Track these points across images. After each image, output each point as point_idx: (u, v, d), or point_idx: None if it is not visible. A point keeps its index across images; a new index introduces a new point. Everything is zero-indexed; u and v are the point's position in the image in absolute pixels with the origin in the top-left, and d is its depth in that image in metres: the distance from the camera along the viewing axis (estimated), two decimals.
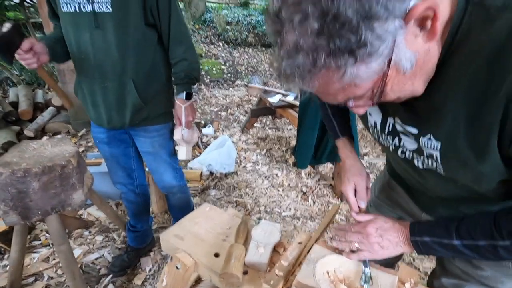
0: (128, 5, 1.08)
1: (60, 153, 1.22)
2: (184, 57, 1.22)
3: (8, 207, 1.10)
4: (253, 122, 3.25)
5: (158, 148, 1.37)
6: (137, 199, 1.57)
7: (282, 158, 2.77)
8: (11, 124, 3.01)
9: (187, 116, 1.29)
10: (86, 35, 1.10)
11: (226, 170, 2.46)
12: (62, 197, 1.19)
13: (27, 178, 1.09)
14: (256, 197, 2.23)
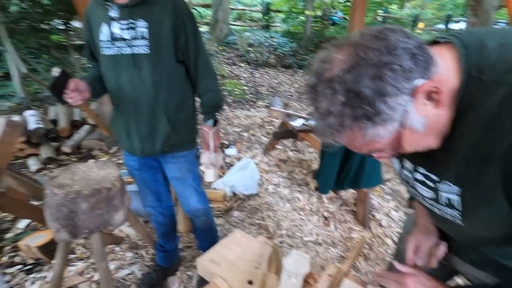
0: (163, 46, 1.20)
1: (106, 176, 1.34)
2: (209, 88, 1.34)
3: (60, 225, 1.22)
4: (275, 144, 3.32)
5: (185, 173, 1.46)
6: (165, 220, 1.65)
7: (303, 181, 2.81)
8: (51, 140, 3.26)
9: (214, 141, 1.40)
10: (124, 75, 1.22)
11: (249, 192, 2.52)
12: (106, 217, 1.30)
13: (77, 199, 1.21)
14: (278, 220, 2.27)
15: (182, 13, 1.19)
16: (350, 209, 2.40)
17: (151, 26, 1.16)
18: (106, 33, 1.20)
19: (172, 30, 1.19)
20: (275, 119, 4.30)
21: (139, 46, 1.18)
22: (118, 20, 1.17)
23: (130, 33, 1.17)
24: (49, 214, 1.22)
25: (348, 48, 0.48)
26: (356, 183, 2.15)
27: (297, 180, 2.83)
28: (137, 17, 1.16)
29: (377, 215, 2.33)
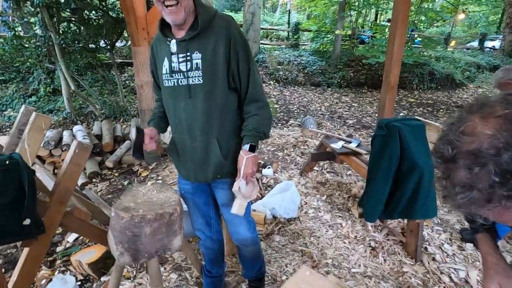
0: (215, 75, 1.22)
1: (167, 200, 1.36)
2: (255, 113, 1.30)
3: (124, 249, 1.23)
4: (313, 166, 3.26)
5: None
6: (214, 245, 1.63)
7: (344, 206, 2.70)
8: (95, 155, 3.41)
9: (247, 167, 1.27)
10: (181, 104, 1.28)
11: (290, 215, 2.46)
12: (165, 242, 1.30)
13: (142, 223, 1.22)
14: (322, 247, 2.17)
15: (236, 43, 1.20)
16: (398, 240, 2.26)
17: (204, 57, 1.19)
18: (166, 66, 1.27)
19: (225, 59, 1.21)
20: (309, 138, 4.25)
21: (194, 77, 1.22)
22: (177, 54, 1.22)
23: (186, 65, 1.22)
24: (113, 237, 1.24)
25: (497, 121, 0.44)
26: (409, 213, 2.03)
27: (337, 204, 2.73)
28: (193, 49, 1.20)
29: (429, 248, 2.17)
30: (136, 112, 4.99)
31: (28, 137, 1.75)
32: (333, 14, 9.81)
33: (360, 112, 5.94)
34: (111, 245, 1.27)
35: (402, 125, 2.06)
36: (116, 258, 1.24)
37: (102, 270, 1.86)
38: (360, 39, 10.89)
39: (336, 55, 8.47)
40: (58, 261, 1.99)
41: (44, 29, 4.08)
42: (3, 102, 5.03)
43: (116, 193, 2.89)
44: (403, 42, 3.79)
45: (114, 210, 1.23)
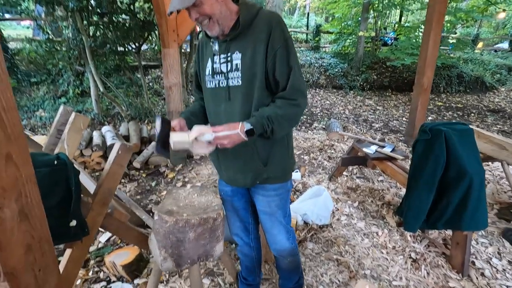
0: (254, 76, 1.14)
1: (209, 204, 1.31)
2: (280, 105, 1.13)
3: (167, 254, 1.19)
4: (342, 170, 3.15)
5: (274, 208, 1.37)
6: (251, 252, 1.57)
7: (378, 214, 2.58)
8: None
9: (226, 138, 1.08)
10: (221, 107, 1.23)
11: (322, 222, 2.37)
12: (208, 248, 1.26)
13: (186, 228, 1.18)
14: (358, 257, 2.07)
15: (274, 40, 1.12)
16: (441, 252, 2.12)
17: (243, 57, 1.14)
18: (209, 67, 1.22)
19: (264, 59, 1.13)
20: (336, 142, 4.13)
21: (233, 78, 1.17)
22: (219, 55, 1.18)
23: (227, 66, 1.17)
24: (156, 241, 1.20)
25: None
26: (455, 224, 1.89)
27: (371, 212, 2.61)
28: (233, 49, 1.15)
29: (477, 262, 2.02)
30: (160, 113, 5.04)
31: (67, 137, 1.76)
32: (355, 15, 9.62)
33: (386, 116, 5.75)
34: (154, 249, 1.24)
35: (449, 129, 1.94)
36: (159, 264, 1.20)
37: (135, 272, 1.84)
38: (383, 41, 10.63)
39: (358, 57, 8.28)
40: (91, 261, 1.99)
41: (76, 32, 4.20)
42: (35, 103, 5.22)
43: (144, 194, 2.90)
44: (437, 43, 3.62)
45: (157, 213, 1.20)
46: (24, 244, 0.58)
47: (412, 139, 4.13)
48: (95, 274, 1.89)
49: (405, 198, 2.18)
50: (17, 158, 0.57)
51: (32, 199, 0.61)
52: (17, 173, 0.57)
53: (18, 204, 0.57)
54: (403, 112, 6.09)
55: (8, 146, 0.55)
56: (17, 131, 0.57)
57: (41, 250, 0.63)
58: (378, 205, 2.71)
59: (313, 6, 16.93)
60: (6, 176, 0.55)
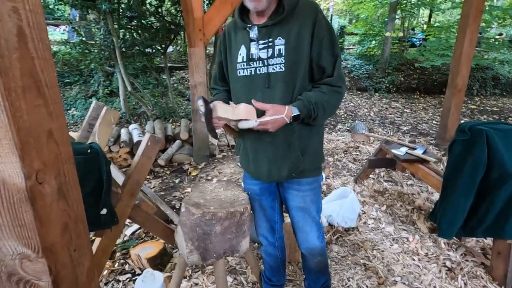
0: (298, 63, 1.11)
1: (236, 198, 1.29)
2: (325, 91, 1.12)
3: (194, 247, 1.18)
4: (369, 173, 3.03)
5: (309, 203, 1.32)
6: (276, 253, 1.53)
7: (407, 219, 2.45)
8: None
9: (272, 123, 1.06)
10: (258, 95, 1.15)
11: (348, 224, 2.28)
12: (234, 242, 1.23)
13: (212, 221, 1.16)
14: (387, 263, 1.96)
15: (320, 27, 1.10)
16: (479, 262, 1.96)
17: (288, 43, 1.10)
18: (243, 54, 1.18)
19: (309, 46, 1.10)
20: (361, 144, 4.00)
21: (275, 64, 1.13)
22: (257, 41, 1.14)
23: (267, 52, 1.13)
24: (183, 233, 1.19)
25: None
26: (498, 232, 1.75)
27: (400, 216, 2.48)
28: (276, 35, 1.11)
29: None
30: (184, 113, 5.13)
31: (98, 130, 1.81)
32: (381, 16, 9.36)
33: (414, 119, 5.50)
34: (180, 242, 1.23)
35: (490, 128, 1.80)
36: (185, 257, 1.19)
37: (159, 266, 1.85)
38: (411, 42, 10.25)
39: (384, 59, 8.02)
40: (117, 253, 2.03)
41: (107, 34, 4.39)
42: (68, 102, 5.50)
43: (168, 190, 2.94)
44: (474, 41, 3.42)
45: (184, 205, 1.19)
46: (62, 222, 0.58)
47: (444, 142, 3.91)
48: (121, 266, 1.93)
49: (439, 202, 2.05)
50: (58, 135, 0.57)
51: (70, 178, 0.61)
52: (57, 150, 0.57)
53: (57, 181, 0.57)
54: (433, 115, 5.81)
55: (50, 122, 0.55)
56: (59, 109, 0.57)
57: (76, 230, 0.63)
58: (408, 209, 2.57)
59: (336, 8, 16.70)
60: (47, 152, 0.55)
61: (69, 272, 0.60)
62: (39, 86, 0.52)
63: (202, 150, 3.47)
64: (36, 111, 0.52)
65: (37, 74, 0.52)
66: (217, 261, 1.24)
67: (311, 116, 1.11)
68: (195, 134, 3.44)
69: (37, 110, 0.52)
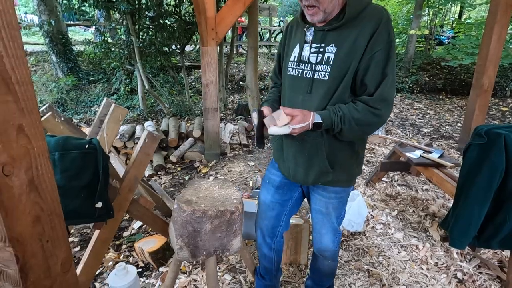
0: (343, 73, 1.05)
1: (228, 198, 1.29)
2: (358, 108, 1.03)
3: (184, 243, 1.19)
4: (381, 176, 2.92)
5: (331, 210, 1.28)
6: (271, 254, 1.50)
7: (419, 226, 2.33)
8: (161, 149, 3.62)
9: (299, 123, 1.01)
10: (299, 98, 1.15)
11: (354, 228, 2.21)
12: (224, 241, 1.23)
13: (203, 219, 1.17)
14: (393, 270, 1.88)
15: (376, 39, 1.00)
16: (495, 275, 1.83)
17: (338, 52, 1.04)
18: (296, 54, 1.15)
19: (359, 59, 1.02)
20: (377, 146, 3.86)
21: (321, 71, 1.08)
22: (310, 43, 1.11)
23: (317, 57, 1.09)
24: (174, 229, 1.21)
25: None
26: None
27: (411, 222, 2.37)
28: (329, 41, 1.07)
29: None
30: (199, 111, 5.21)
31: (107, 126, 1.87)
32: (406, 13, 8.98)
33: (437, 121, 5.23)
34: (172, 237, 1.25)
35: (509, 132, 1.67)
36: (175, 252, 1.21)
37: (161, 260, 1.89)
38: (438, 40, 9.76)
39: (408, 58, 7.69)
40: (124, 246, 2.11)
41: (127, 34, 4.54)
42: (91, 99, 5.77)
43: (177, 186, 3.00)
44: (503, 38, 3.19)
45: (177, 202, 1.21)
46: (32, 214, 0.61)
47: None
48: (126, 258, 1.99)
49: (452, 210, 1.94)
50: (30, 131, 0.60)
51: (43, 172, 0.63)
52: (29, 145, 0.60)
53: (28, 175, 0.59)
54: (458, 117, 5.49)
55: (21, 118, 0.58)
56: (31, 105, 0.60)
57: (50, 223, 0.66)
58: (420, 216, 2.45)
59: None
60: (17, 147, 0.57)
61: (39, 262, 0.63)
62: (8, 83, 0.55)
63: (213, 148, 3.50)
64: (4, 107, 0.54)
65: (6, 71, 0.54)
66: (208, 259, 1.25)
67: (334, 128, 1.06)
68: (207, 132, 3.48)
69: (5, 106, 0.54)
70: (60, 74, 6.18)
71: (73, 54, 6.29)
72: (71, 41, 6.34)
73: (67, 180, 1.10)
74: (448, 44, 8.45)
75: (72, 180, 1.12)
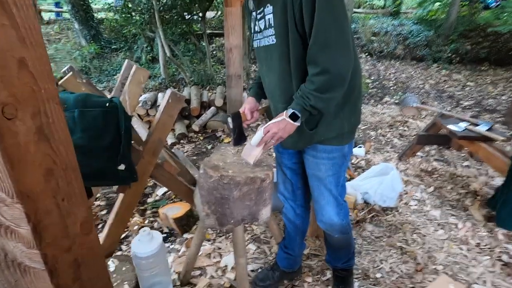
0: (287, 30, 0.98)
1: (259, 164, 1.18)
2: (310, 79, 0.97)
3: (210, 211, 1.11)
4: (417, 150, 2.70)
5: (324, 173, 1.18)
6: (295, 220, 1.44)
7: (458, 204, 2.15)
8: (184, 118, 3.56)
9: (272, 127, 1.06)
10: (263, 68, 1.16)
11: (386, 204, 2.07)
12: (253, 209, 1.14)
13: (231, 185, 1.08)
14: (428, 249, 1.75)
15: None
16: None
17: (275, 11, 0.99)
18: (252, 25, 1.13)
19: (296, 9, 0.93)
20: (411, 119, 3.59)
21: (269, 36, 1.05)
22: (256, 11, 1.08)
23: (264, 23, 1.06)
24: (200, 196, 1.13)
25: None
26: None
27: (449, 200, 2.20)
28: (265, 3, 1.03)
29: None
30: (221, 80, 5.06)
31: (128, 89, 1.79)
32: None
33: (479, 93, 4.77)
34: (198, 204, 1.18)
35: None
36: (201, 219, 1.14)
37: (185, 226, 1.87)
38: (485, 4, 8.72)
39: (449, 24, 6.95)
40: (148, 211, 2.11)
41: None
42: (114, 68, 5.74)
43: (200, 155, 2.96)
44: None
45: (203, 167, 1.12)
46: (44, 167, 0.52)
47: None
48: (150, 223, 2.00)
49: (502, 188, 1.75)
50: (34, 68, 0.49)
51: (55, 120, 0.54)
52: (35, 86, 0.50)
53: (35, 121, 0.50)
54: (504, 90, 4.98)
55: (23, 50, 0.47)
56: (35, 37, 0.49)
57: (66, 178, 0.57)
58: (460, 193, 2.26)
59: None
60: (19, 84, 0.47)
61: (55, 221, 0.55)
62: (3, 2, 0.44)
63: None
64: (2, 32, 0.44)
65: None
66: (235, 228, 1.17)
67: (308, 111, 1.00)
68: (229, 100, 3.35)
69: (2, 31, 0.44)
70: (83, 42, 6.17)
71: (94, 21, 6.21)
72: (92, 7, 6.24)
73: (88, 139, 1.03)
74: (497, 7, 7.52)
75: (94, 140, 1.05)
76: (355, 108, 1.13)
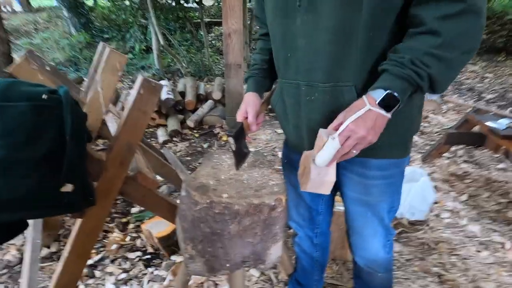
0: None
1: (265, 182, 0.83)
2: (433, 27, 0.58)
3: (196, 251, 0.77)
4: (444, 150, 2.35)
5: (376, 197, 0.83)
6: (313, 251, 1.11)
7: (500, 215, 1.81)
8: (178, 112, 3.20)
9: (357, 126, 0.61)
10: (293, 26, 0.72)
11: (415, 217, 1.73)
12: (258, 248, 0.80)
13: (225, 216, 0.73)
14: (473, 277, 1.42)
15: None
16: None
17: None
18: None
19: None
20: (431, 114, 3.23)
21: None
22: None
23: None
24: (182, 229, 0.79)
25: None
26: None
27: (488, 211, 1.85)
28: None
29: None
30: (220, 72, 4.69)
31: (101, 78, 1.42)
32: None
33: (500, 85, 4.39)
34: (179, 240, 0.84)
35: None
36: (184, 263, 0.80)
37: (172, 247, 1.54)
38: None
39: None
40: (130, 225, 1.78)
41: None
42: None
43: (195, 155, 2.61)
44: None
45: (185, 187, 0.77)
46: None
47: None
48: (133, 240, 1.66)
49: None
50: None
51: None
52: None
53: None
54: None
55: None
56: None
57: None
58: (499, 203, 1.92)
59: None
60: None
61: None
62: None
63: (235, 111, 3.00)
64: None
65: None
66: (234, 274, 0.83)
67: (419, 85, 0.60)
68: (228, 92, 2.98)
69: None
70: (73, 31, 5.77)
71: (84, 8, 5.80)
72: None
73: (8, 149, 0.68)
74: None
75: (19, 149, 0.70)
76: (423, 100, 0.78)
